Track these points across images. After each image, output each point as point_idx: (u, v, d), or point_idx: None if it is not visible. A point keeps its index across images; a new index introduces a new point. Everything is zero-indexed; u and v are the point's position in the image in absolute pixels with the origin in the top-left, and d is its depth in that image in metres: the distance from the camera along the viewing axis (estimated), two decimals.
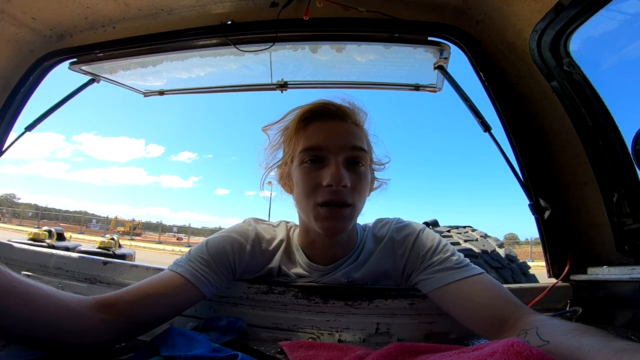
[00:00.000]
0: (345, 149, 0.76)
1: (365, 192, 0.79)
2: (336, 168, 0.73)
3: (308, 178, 0.75)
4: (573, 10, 0.81)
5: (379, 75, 1.41)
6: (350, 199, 0.74)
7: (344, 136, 0.77)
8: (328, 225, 0.74)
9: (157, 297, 0.67)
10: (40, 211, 39.26)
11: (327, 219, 0.74)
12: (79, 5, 1.15)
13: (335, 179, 0.71)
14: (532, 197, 1.05)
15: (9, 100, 1.35)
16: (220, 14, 1.17)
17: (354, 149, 0.76)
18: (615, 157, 0.93)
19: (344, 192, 0.73)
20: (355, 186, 0.75)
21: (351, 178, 0.74)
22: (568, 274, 0.99)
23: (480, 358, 0.41)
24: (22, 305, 0.51)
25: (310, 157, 0.76)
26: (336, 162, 0.74)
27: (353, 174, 0.75)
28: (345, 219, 0.75)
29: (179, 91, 1.64)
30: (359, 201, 0.77)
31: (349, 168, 0.75)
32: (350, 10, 1.08)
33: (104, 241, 8.05)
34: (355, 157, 0.76)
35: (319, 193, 0.74)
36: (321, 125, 0.79)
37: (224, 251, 0.79)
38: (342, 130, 0.78)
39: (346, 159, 0.76)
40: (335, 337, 0.81)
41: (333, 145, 0.75)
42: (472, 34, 1.08)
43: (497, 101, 1.06)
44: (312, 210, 0.75)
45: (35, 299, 0.53)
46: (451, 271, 0.75)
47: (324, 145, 0.76)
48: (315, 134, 0.78)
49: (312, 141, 0.77)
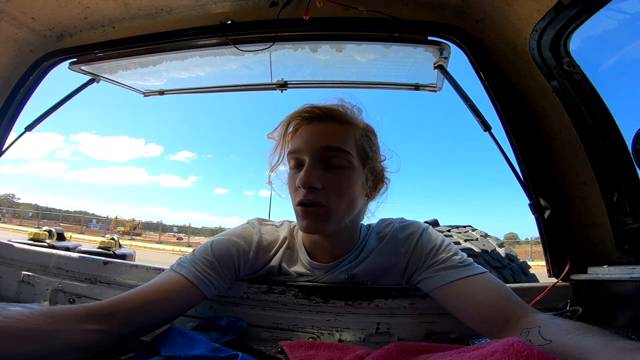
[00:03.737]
0: (318, 150, 0.76)
1: (348, 193, 0.77)
2: (306, 170, 0.74)
3: (291, 181, 0.79)
4: (573, 10, 0.81)
5: (379, 74, 1.41)
6: (323, 200, 0.74)
7: (320, 138, 0.77)
8: (304, 224, 0.76)
9: (161, 302, 0.67)
10: (41, 211, 39.27)
11: (303, 218, 0.76)
12: (78, 5, 1.15)
13: (302, 181, 0.74)
14: (532, 197, 1.05)
15: (9, 101, 1.35)
16: (220, 13, 1.16)
17: (328, 150, 0.76)
18: (616, 156, 0.93)
19: (315, 193, 0.74)
20: (333, 187, 0.75)
21: (325, 179, 0.74)
22: (568, 274, 0.99)
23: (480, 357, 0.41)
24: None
25: (293, 161, 0.80)
26: (308, 164, 0.75)
27: (331, 175, 0.75)
28: (319, 219, 0.75)
29: (179, 91, 1.64)
30: (335, 202, 0.75)
31: (326, 169, 0.76)
32: (350, 9, 1.08)
33: (104, 241, 8.04)
34: (329, 157, 0.76)
35: (297, 194, 0.77)
36: (305, 129, 0.81)
37: (229, 254, 0.79)
38: (319, 132, 0.79)
39: (320, 160, 0.76)
40: (336, 336, 0.81)
41: (307, 148, 0.77)
42: (472, 33, 1.08)
43: (497, 101, 1.06)
44: (295, 210, 0.79)
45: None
46: (454, 270, 0.75)
47: (300, 149, 0.78)
48: (297, 138, 0.81)
49: (294, 145, 0.80)
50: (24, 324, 0.50)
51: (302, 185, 0.74)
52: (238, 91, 1.59)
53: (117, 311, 0.60)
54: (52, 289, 1.00)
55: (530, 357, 0.37)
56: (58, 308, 0.59)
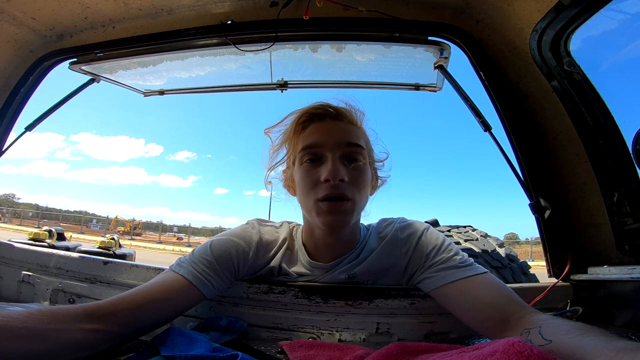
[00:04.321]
0: (341, 145, 0.78)
1: (365, 187, 0.80)
2: (333, 163, 0.75)
3: (307, 176, 0.78)
4: (573, 10, 0.81)
5: (379, 74, 1.41)
6: (349, 194, 0.76)
7: (340, 134, 0.80)
8: (329, 220, 0.76)
9: (160, 302, 0.67)
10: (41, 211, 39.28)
11: (328, 214, 0.75)
12: (78, 5, 1.15)
13: (332, 174, 0.73)
14: (532, 197, 1.05)
15: (9, 100, 1.35)
16: (220, 13, 1.17)
17: (349, 145, 0.79)
18: (616, 156, 0.92)
19: (342, 187, 0.75)
20: (354, 181, 0.77)
21: (349, 173, 0.76)
22: (568, 274, 0.99)
23: (481, 357, 0.41)
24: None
25: (309, 155, 0.79)
26: (333, 158, 0.76)
27: (351, 169, 0.77)
28: (346, 212, 0.76)
29: (179, 91, 1.64)
30: (358, 196, 0.78)
31: (347, 164, 0.78)
32: (350, 9, 1.08)
33: (105, 241, 8.05)
34: (352, 152, 0.79)
35: (319, 189, 0.76)
36: (318, 125, 0.82)
37: (229, 254, 0.79)
38: (338, 129, 0.81)
39: (343, 155, 0.78)
40: (336, 336, 0.81)
41: (329, 142, 0.78)
42: (472, 33, 1.08)
43: (497, 101, 1.06)
44: (314, 206, 0.77)
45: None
46: (454, 270, 0.75)
47: (321, 143, 0.78)
48: (313, 133, 0.81)
49: (310, 140, 0.80)
50: (23, 323, 0.50)
51: (333, 178, 0.73)
52: (238, 91, 1.59)
53: (116, 311, 0.60)
54: (52, 289, 1.00)
55: (530, 357, 0.37)
56: (57, 308, 0.59)
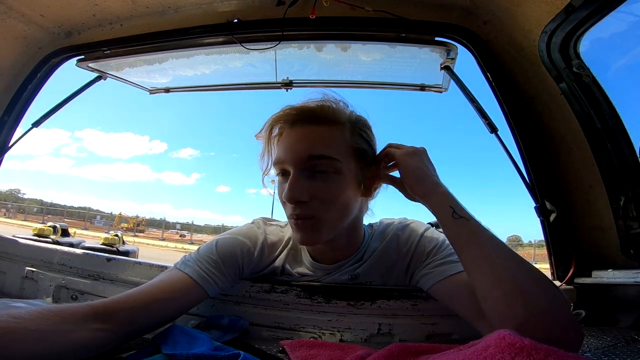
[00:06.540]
0: (302, 160, 0.71)
1: (337, 198, 0.73)
2: (290, 183, 0.71)
3: (279, 192, 0.76)
4: (584, 12, 0.80)
5: (385, 74, 1.40)
6: (311, 212, 0.71)
7: (302, 146, 0.72)
8: (300, 237, 0.74)
9: (165, 300, 0.66)
10: (45, 207, 39.62)
11: (296, 231, 0.74)
12: (87, 3, 1.16)
13: (287, 196, 0.70)
14: (538, 199, 1.04)
15: (17, 97, 1.36)
16: (227, 12, 1.17)
17: (310, 159, 0.71)
18: (623, 160, 0.92)
19: (303, 206, 0.71)
20: (319, 196, 0.71)
21: (312, 189, 0.71)
22: (572, 277, 0.99)
23: (475, 354, 0.41)
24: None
25: (278, 170, 0.76)
26: (293, 175, 0.71)
27: (318, 183, 0.71)
28: (312, 230, 0.73)
29: (185, 89, 1.65)
30: (324, 212, 0.72)
31: (312, 177, 0.72)
32: (357, 9, 1.08)
33: (108, 237, 8.09)
34: (315, 165, 0.71)
35: (287, 207, 0.75)
36: (287, 134, 0.76)
37: (234, 253, 0.79)
38: (302, 139, 0.73)
39: (305, 169, 0.72)
40: (337, 336, 0.81)
41: (291, 158, 0.72)
42: (479, 34, 1.07)
43: (504, 102, 1.05)
44: (289, 222, 0.77)
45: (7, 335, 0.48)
46: (451, 264, 0.73)
47: (283, 159, 0.74)
48: (280, 145, 0.76)
49: (277, 154, 0.76)
50: (34, 325, 0.50)
51: (288, 201, 0.71)
52: (243, 90, 1.59)
53: (122, 310, 0.60)
54: (56, 285, 1.00)
55: (523, 349, 0.37)
56: (64, 307, 0.59)
